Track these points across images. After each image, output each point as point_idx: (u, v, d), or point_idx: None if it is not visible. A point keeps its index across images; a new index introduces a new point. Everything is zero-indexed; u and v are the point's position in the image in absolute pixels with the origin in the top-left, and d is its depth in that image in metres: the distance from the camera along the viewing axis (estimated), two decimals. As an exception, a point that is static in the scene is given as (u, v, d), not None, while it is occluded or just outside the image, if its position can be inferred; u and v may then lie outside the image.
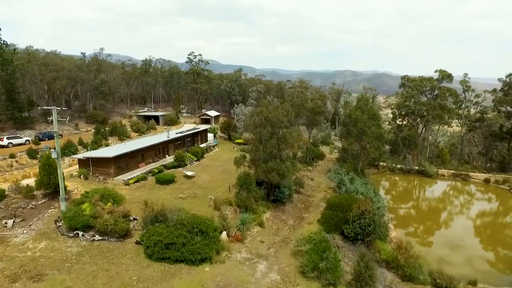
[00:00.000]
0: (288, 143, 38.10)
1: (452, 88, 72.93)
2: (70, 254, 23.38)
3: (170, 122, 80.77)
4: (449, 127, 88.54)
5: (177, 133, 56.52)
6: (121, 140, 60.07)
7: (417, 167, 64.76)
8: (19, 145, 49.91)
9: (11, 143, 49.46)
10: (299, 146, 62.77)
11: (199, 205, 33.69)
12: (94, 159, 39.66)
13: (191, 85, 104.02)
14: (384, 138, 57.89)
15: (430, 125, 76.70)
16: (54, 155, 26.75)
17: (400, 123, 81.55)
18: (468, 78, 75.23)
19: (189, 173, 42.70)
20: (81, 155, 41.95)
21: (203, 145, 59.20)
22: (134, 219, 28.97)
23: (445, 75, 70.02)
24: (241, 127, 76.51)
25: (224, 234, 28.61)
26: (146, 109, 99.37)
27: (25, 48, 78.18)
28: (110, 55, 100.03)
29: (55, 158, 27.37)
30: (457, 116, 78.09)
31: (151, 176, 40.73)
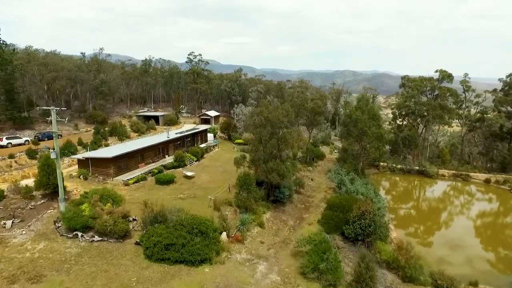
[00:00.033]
0: (288, 143, 37.97)
1: (453, 88, 72.86)
2: (69, 255, 23.26)
3: (170, 122, 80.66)
4: (450, 127, 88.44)
5: (177, 133, 56.38)
6: (121, 140, 59.98)
7: (418, 167, 64.64)
8: (19, 145, 49.82)
9: (11, 143, 49.35)
10: (299, 146, 62.63)
11: (199, 206, 33.56)
12: (94, 160, 39.51)
13: (191, 85, 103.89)
14: (385, 139, 57.77)
15: (431, 125, 76.60)
16: (53, 156, 26.62)
17: (400, 123, 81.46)
18: (469, 78, 75.22)
19: (189, 174, 42.58)
20: (81, 155, 41.82)
21: (203, 145, 59.07)
22: (134, 220, 28.84)
23: (446, 75, 69.97)
24: (241, 127, 76.35)
25: (224, 235, 28.50)
26: (146, 109, 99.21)
27: (25, 48, 78.05)
28: (110, 55, 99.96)
29: (54, 159, 27.22)
30: (458, 116, 78.03)
31: (151, 177, 40.61)
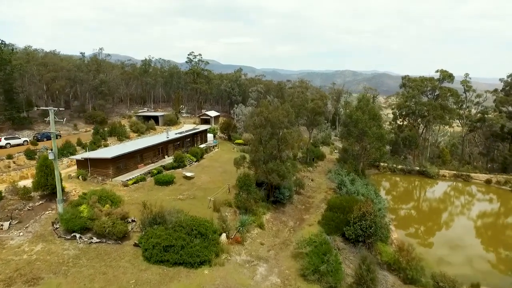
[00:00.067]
0: (288, 144, 37.72)
1: (453, 88, 72.62)
2: (67, 257, 23.00)
3: (170, 123, 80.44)
4: (450, 128, 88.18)
5: (177, 134, 56.16)
6: (120, 141, 59.76)
7: (418, 168, 64.36)
8: (17, 146, 49.60)
9: (9, 144, 49.12)
10: (299, 147, 62.42)
11: (198, 207, 33.32)
12: (93, 160, 39.30)
13: (191, 85, 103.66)
14: (385, 139, 57.48)
15: (431, 126, 76.37)
16: (51, 156, 26.37)
17: (401, 124, 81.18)
18: (469, 78, 74.99)
19: (189, 174, 42.34)
20: (80, 156, 41.62)
21: (203, 146, 58.84)
22: (133, 221, 28.60)
23: (446, 75, 69.71)
24: (241, 128, 76.12)
25: (224, 236, 28.25)
26: (146, 109, 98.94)
27: (24, 48, 77.80)
28: (110, 55, 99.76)
29: (52, 159, 26.97)
30: (458, 117, 77.79)
31: (150, 177, 40.39)
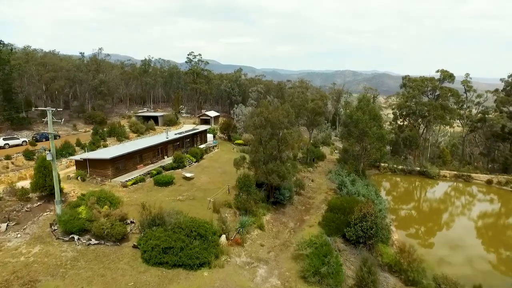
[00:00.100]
0: (289, 144, 37.46)
1: (454, 89, 72.41)
2: (65, 259, 22.75)
3: (170, 123, 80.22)
4: (451, 128, 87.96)
5: (176, 134, 55.90)
6: (120, 141, 59.52)
7: (419, 168, 64.09)
8: (16, 146, 49.36)
9: (8, 144, 48.91)
10: (300, 147, 62.18)
11: (198, 208, 33.09)
12: (92, 161, 39.04)
13: (191, 85, 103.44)
14: (386, 139, 57.23)
15: (432, 126, 76.12)
16: (49, 157, 26.10)
17: (401, 124, 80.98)
18: (470, 78, 74.78)
19: (188, 175, 42.10)
20: (78, 157, 41.39)
21: (203, 146, 58.59)
22: (132, 222, 28.36)
23: (447, 75, 69.50)
24: (241, 128, 75.84)
25: (223, 238, 28.00)
26: (145, 110, 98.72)
27: (23, 48, 77.52)
28: (109, 55, 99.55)
29: (50, 160, 26.71)
30: (459, 117, 77.57)
31: (150, 178, 40.14)
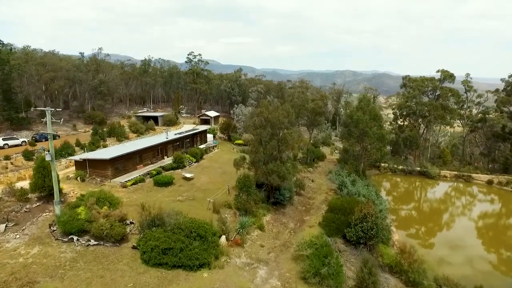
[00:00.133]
0: (289, 145, 37.31)
1: (454, 89, 72.26)
2: (64, 260, 22.61)
3: (169, 123, 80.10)
4: (451, 128, 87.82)
5: (176, 134, 55.77)
6: (119, 141, 59.40)
7: (419, 168, 63.93)
8: (15, 146, 49.21)
9: (7, 144, 48.76)
10: (300, 147, 62.04)
11: (198, 208, 32.95)
12: (91, 161, 38.89)
13: (191, 85, 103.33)
14: (386, 139, 57.06)
15: (432, 126, 75.97)
16: (48, 158, 25.94)
17: (402, 124, 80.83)
18: (470, 78, 74.61)
19: (188, 175, 41.97)
20: (78, 157, 41.24)
21: (202, 146, 58.47)
22: (131, 223, 28.22)
23: (447, 75, 69.35)
24: (241, 128, 75.72)
25: (223, 238, 27.87)
26: (145, 110, 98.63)
27: (23, 48, 77.36)
28: (109, 55, 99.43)
29: (49, 161, 26.57)
30: (459, 117, 77.42)
31: (149, 178, 40.01)
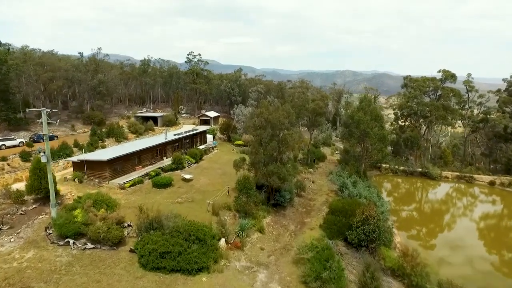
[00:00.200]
0: (289, 146, 36.80)
1: (456, 89, 71.77)
2: (60, 264, 22.11)
3: (169, 123, 79.67)
4: (453, 128, 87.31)
5: (175, 135, 55.26)
6: (118, 142, 58.91)
7: (420, 169, 63.40)
8: (13, 147, 48.72)
9: (4, 145, 48.30)
10: (300, 148, 61.53)
11: (197, 210, 32.45)
12: (89, 162, 38.41)
13: (190, 86, 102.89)
14: (387, 140, 56.54)
15: (433, 126, 75.45)
16: (44, 159, 25.45)
17: (403, 124, 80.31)
18: (472, 78, 74.10)
19: (187, 176, 41.48)
20: (76, 158, 40.77)
21: (202, 147, 57.99)
22: (129, 226, 27.74)
23: (449, 75, 68.83)
24: (241, 128, 75.24)
25: (223, 241, 27.37)
26: (145, 110, 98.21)
27: (21, 48, 76.87)
28: (108, 55, 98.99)
29: (45, 162, 26.07)
30: (461, 117, 76.90)
31: (148, 179, 39.55)
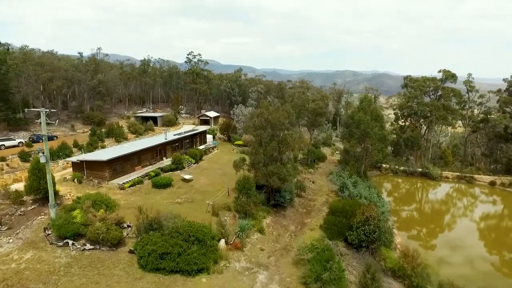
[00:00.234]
0: (289, 146, 36.66)
1: (456, 89, 71.60)
2: (58, 265, 21.99)
3: (169, 123, 79.53)
4: (453, 128, 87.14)
5: (175, 135, 55.12)
6: (118, 142, 58.77)
7: (421, 169, 63.26)
8: (12, 147, 48.57)
9: (3, 145, 48.15)
10: (300, 148, 61.37)
11: (197, 211, 32.33)
12: (89, 162, 38.29)
13: (190, 86, 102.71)
14: (388, 140, 56.38)
15: (434, 126, 75.29)
16: (43, 160, 25.31)
17: (403, 124, 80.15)
18: (472, 78, 73.96)
19: (187, 177, 41.34)
20: (75, 158, 40.65)
21: (202, 147, 57.85)
22: (128, 226, 27.63)
23: (449, 75, 68.66)
24: (241, 129, 75.09)
25: (222, 242, 27.24)
26: (145, 110, 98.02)
27: (20, 48, 76.68)
28: (108, 55, 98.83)
29: (44, 163, 25.93)
30: (461, 117, 76.74)
31: (148, 180, 39.43)
